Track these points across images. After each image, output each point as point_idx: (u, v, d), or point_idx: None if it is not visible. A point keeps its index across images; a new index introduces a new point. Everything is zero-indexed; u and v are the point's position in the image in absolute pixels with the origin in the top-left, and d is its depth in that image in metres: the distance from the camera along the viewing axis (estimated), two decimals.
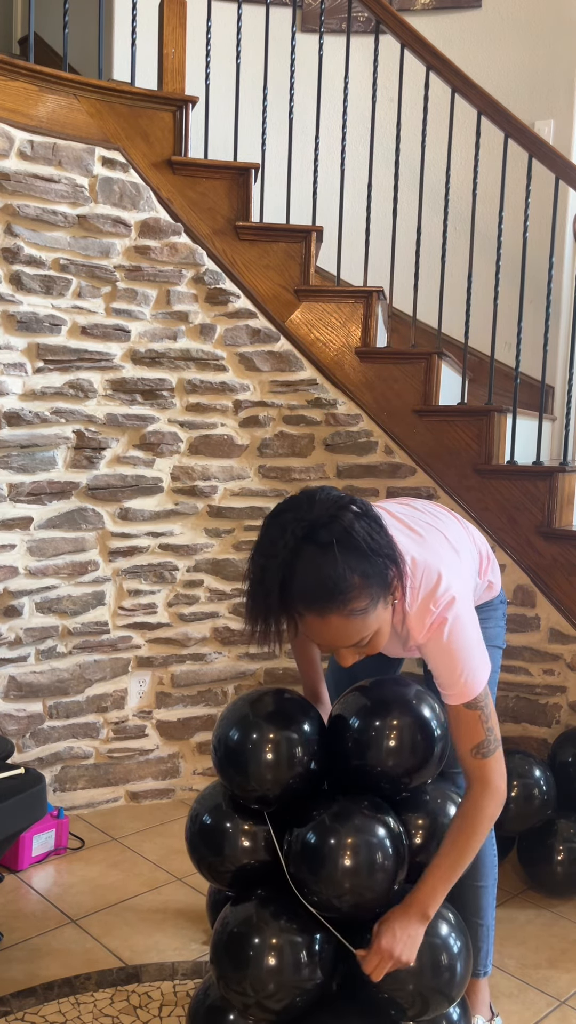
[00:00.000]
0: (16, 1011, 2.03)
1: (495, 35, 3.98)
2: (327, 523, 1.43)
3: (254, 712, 1.73)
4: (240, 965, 1.62)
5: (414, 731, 1.69)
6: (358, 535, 1.43)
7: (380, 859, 1.61)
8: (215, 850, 1.76)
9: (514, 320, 3.21)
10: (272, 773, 1.69)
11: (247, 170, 3.01)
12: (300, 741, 1.70)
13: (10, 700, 2.80)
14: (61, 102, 2.75)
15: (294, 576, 1.42)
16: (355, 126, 3.55)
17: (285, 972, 1.60)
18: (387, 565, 1.46)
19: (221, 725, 1.78)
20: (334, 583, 1.40)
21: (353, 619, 1.43)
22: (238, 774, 1.71)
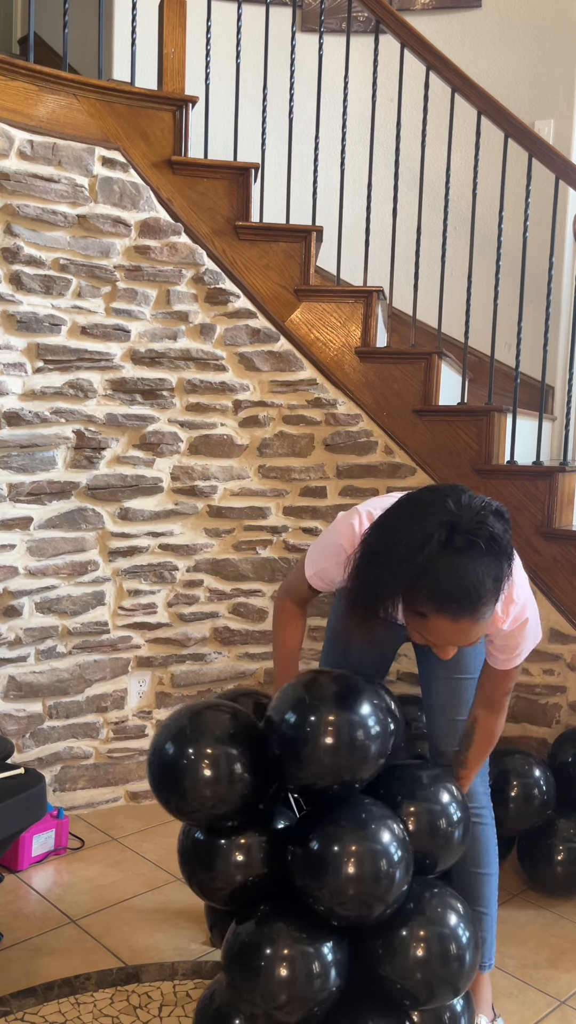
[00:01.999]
0: (16, 1011, 2.03)
1: (495, 35, 3.98)
2: (475, 529, 1.43)
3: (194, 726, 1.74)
4: (251, 976, 1.61)
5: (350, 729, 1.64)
6: (501, 541, 1.45)
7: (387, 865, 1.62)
8: (207, 866, 1.74)
9: (514, 320, 3.21)
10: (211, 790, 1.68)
11: (247, 170, 3.01)
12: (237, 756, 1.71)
13: (10, 700, 2.80)
14: (61, 102, 2.75)
15: (434, 576, 1.42)
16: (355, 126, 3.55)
17: (298, 983, 1.59)
18: (510, 564, 1.48)
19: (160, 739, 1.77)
20: (476, 590, 1.42)
21: (481, 623, 1.46)
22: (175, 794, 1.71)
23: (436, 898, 1.69)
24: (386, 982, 1.65)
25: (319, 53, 3.18)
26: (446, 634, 1.47)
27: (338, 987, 1.63)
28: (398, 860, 1.62)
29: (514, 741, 2.96)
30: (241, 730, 1.76)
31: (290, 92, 3.18)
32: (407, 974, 1.63)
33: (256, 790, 1.73)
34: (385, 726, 1.68)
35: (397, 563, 1.46)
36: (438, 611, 1.44)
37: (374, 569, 1.51)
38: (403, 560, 1.45)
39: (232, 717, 1.77)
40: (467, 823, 1.75)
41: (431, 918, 1.66)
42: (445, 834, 1.72)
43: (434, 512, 1.45)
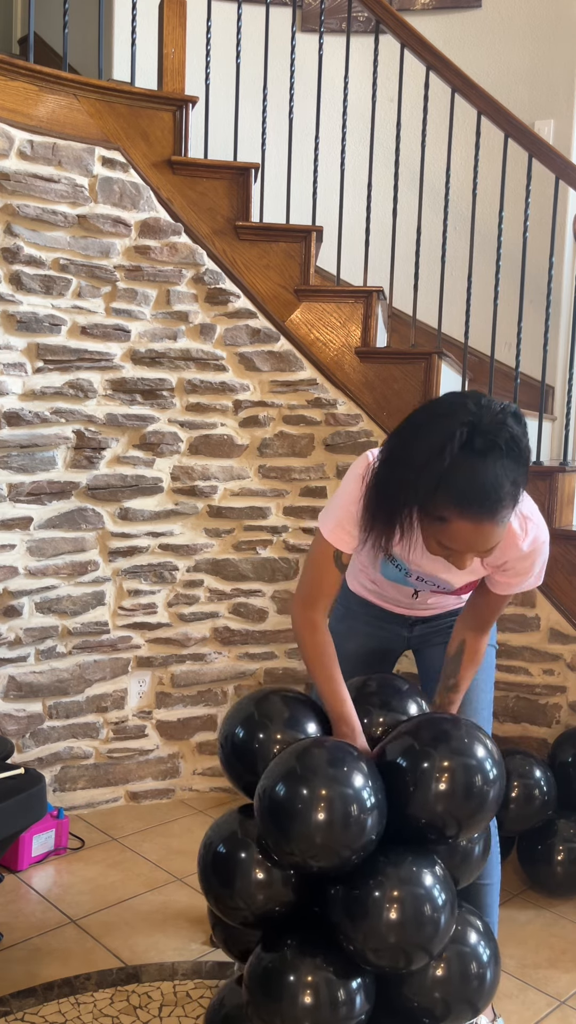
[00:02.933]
0: (16, 1011, 2.03)
1: (495, 35, 3.98)
2: (495, 431, 1.44)
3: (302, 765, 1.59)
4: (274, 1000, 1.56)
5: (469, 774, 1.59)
6: (521, 443, 1.46)
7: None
8: (226, 883, 1.66)
9: (514, 320, 3.21)
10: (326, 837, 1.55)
11: (247, 170, 3.01)
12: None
13: (10, 700, 2.80)
14: (61, 102, 2.75)
15: (455, 479, 1.43)
16: (355, 126, 3.55)
17: (321, 1012, 1.54)
18: (527, 470, 1.50)
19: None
20: (496, 491, 1.43)
21: (500, 526, 1.48)
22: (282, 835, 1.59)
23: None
24: (404, 1000, 1.61)
25: (319, 53, 3.17)
26: (467, 537, 1.47)
27: (367, 1013, 1.59)
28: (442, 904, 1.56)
29: (514, 741, 2.96)
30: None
31: (290, 92, 3.18)
32: (426, 993, 1.60)
33: None
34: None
35: (418, 467, 1.46)
36: (460, 514, 1.45)
37: (395, 473, 1.52)
38: (424, 463, 1.45)
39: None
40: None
41: (452, 937, 1.63)
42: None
43: (454, 415, 1.46)
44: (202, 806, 3.08)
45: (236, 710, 1.77)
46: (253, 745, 1.70)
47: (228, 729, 1.76)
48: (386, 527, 1.57)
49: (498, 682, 2.98)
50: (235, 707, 1.78)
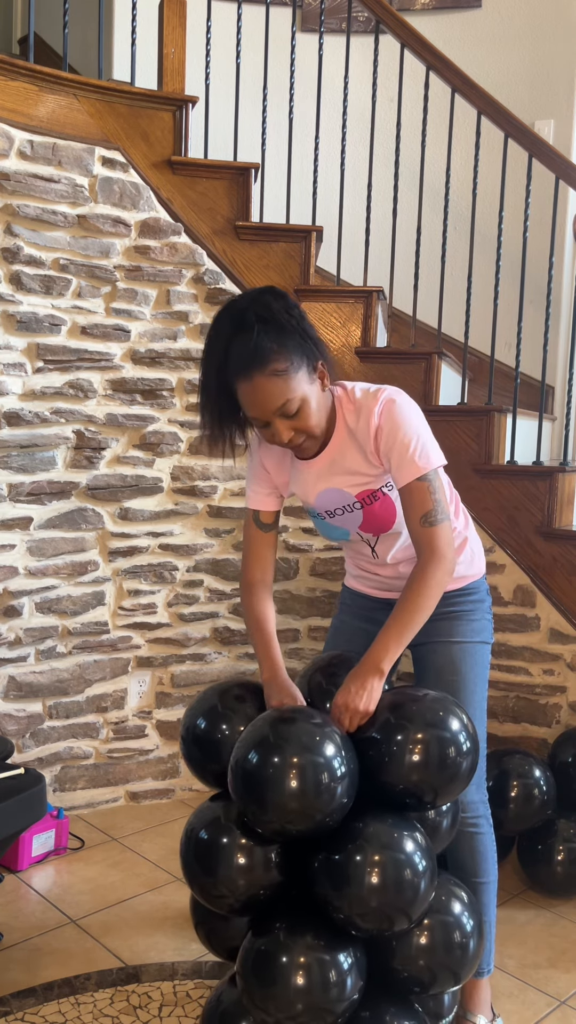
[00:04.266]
0: (16, 1011, 2.03)
1: (495, 35, 3.98)
2: (246, 307, 1.68)
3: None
4: (267, 985, 1.58)
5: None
6: (273, 311, 1.67)
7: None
8: (209, 871, 1.68)
9: (514, 320, 3.21)
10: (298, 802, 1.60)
11: (247, 170, 3.01)
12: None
13: (10, 700, 2.80)
14: (61, 102, 2.75)
15: (227, 358, 1.66)
16: (355, 126, 3.55)
17: (314, 993, 1.56)
18: (304, 340, 1.69)
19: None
20: (259, 351, 1.64)
21: (276, 379, 1.65)
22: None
23: (440, 887, 1.68)
24: (393, 972, 1.64)
25: (319, 53, 3.17)
26: (254, 397, 1.66)
27: (360, 990, 1.61)
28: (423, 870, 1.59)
29: (514, 741, 2.96)
30: None
31: (290, 92, 3.18)
32: (411, 963, 1.63)
33: None
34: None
35: (208, 371, 1.71)
36: (238, 378, 1.66)
37: (202, 391, 1.76)
38: (209, 366, 1.71)
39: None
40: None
41: (434, 907, 1.65)
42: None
43: (222, 311, 1.70)
44: None
45: (198, 702, 1.83)
46: (215, 736, 1.76)
47: (189, 721, 1.81)
48: (214, 430, 1.78)
49: (498, 682, 2.98)
50: (197, 699, 1.85)
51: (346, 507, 1.86)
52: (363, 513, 1.86)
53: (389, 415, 1.75)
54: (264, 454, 1.91)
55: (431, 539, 1.72)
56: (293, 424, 1.71)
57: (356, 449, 1.80)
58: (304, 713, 1.65)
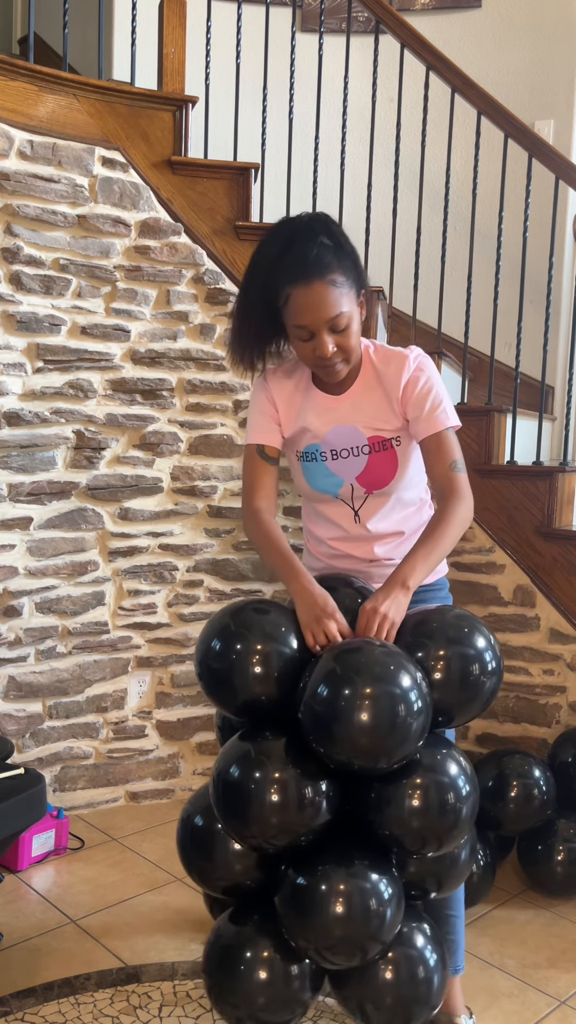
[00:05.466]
0: (16, 1011, 2.03)
1: (495, 35, 3.98)
2: (309, 220, 1.74)
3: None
4: (232, 979, 1.60)
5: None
6: (334, 230, 1.73)
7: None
8: (206, 856, 1.70)
9: (514, 320, 3.20)
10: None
11: (247, 170, 3.01)
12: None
13: (10, 700, 2.80)
14: (61, 102, 2.75)
15: (284, 262, 1.69)
16: (355, 126, 3.55)
17: (276, 987, 1.59)
18: (355, 265, 1.74)
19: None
20: (320, 259, 1.68)
21: (333, 289, 1.69)
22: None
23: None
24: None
25: (319, 53, 3.17)
26: (308, 301, 1.68)
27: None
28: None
29: (514, 741, 2.96)
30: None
31: (290, 92, 3.18)
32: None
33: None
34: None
35: (255, 279, 1.74)
36: (293, 282, 1.69)
37: (245, 300, 1.79)
38: (258, 271, 1.74)
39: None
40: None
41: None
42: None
43: (272, 232, 1.75)
44: None
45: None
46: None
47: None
48: (256, 346, 1.83)
49: None
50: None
51: (354, 449, 1.86)
52: (368, 460, 1.86)
53: (423, 368, 1.83)
54: (275, 387, 1.91)
55: (458, 482, 1.78)
56: (338, 340, 1.74)
57: (381, 394, 1.84)
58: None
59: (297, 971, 1.62)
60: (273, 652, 1.63)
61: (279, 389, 1.91)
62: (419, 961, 1.64)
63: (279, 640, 1.64)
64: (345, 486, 1.89)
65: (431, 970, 1.65)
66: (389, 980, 1.62)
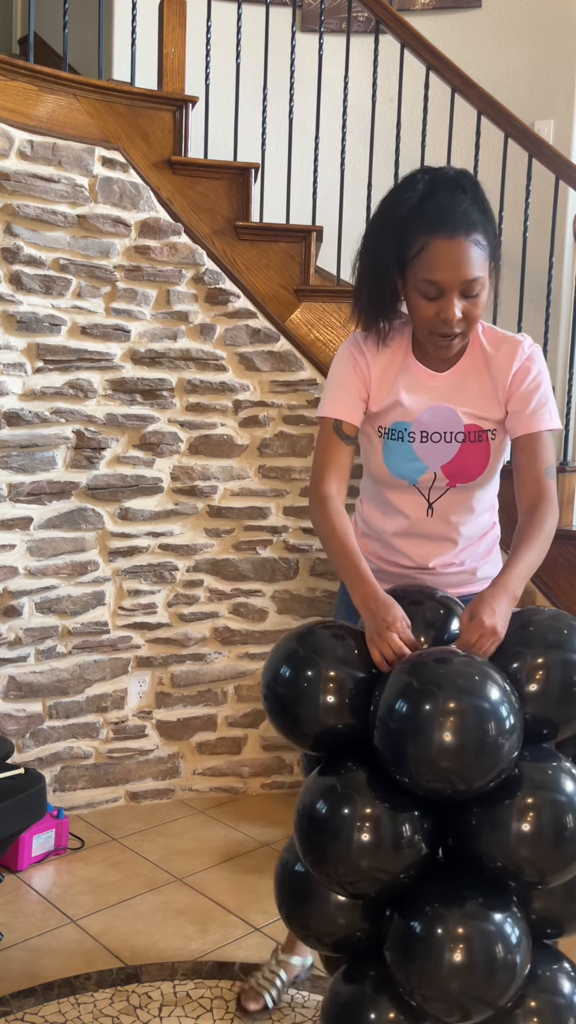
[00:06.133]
0: (16, 1011, 2.03)
1: (495, 35, 3.98)
2: (457, 175, 1.61)
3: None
4: None
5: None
6: (481, 193, 1.61)
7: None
8: (309, 907, 1.53)
9: (514, 320, 3.20)
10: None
11: (247, 170, 3.01)
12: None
13: (10, 700, 2.80)
14: (61, 102, 2.75)
15: (427, 209, 1.56)
16: (355, 126, 3.55)
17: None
18: (496, 235, 1.63)
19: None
20: (466, 215, 1.56)
21: (477, 249, 1.57)
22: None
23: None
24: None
25: (319, 53, 3.17)
26: (447, 256, 1.55)
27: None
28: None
29: None
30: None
31: (290, 92, 3.18)
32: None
33: None
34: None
35: (388, 223, 1.60)
36: (433, 232, 1.55)
37: (373, 243, 1.63)
38: (392, 215, 1.60)
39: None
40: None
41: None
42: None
43: (412, 179, 1.63)
44: (202, 806, 3.08)
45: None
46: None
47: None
48: (376, 302, 1.65)
49: None
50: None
51: (448, 434, 1.72)
52: (459, 449, 1.72)
53: (535, 359, 1.71)
54: (372, 356, 1.73)
55: (551, 490, 1.65)
56: (465, 307, 1.60)
57: (487, 379, 1.72)
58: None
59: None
60: (346, 677, 1.47)
61: (375, 356, 1.73)
62: (569, 1011, 1.42)
63: (351, 663, 1.49)
64: (427, 474, 1.74)
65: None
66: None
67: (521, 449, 1.69)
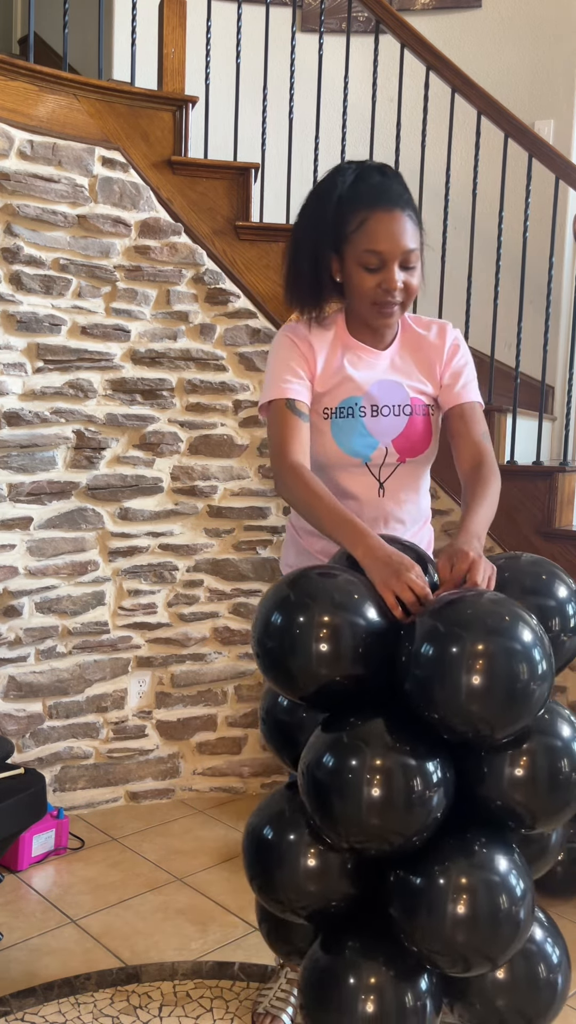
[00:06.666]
0: (16, 1011, 2.03)
1: (495, 35, 3.98)
2: (378, 164, 1.72)
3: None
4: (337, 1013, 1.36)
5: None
6: (403, 180, 1.71)
7: None
8: (281, 875, 1.44)
9: (514, 320, 3.20)
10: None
11: (247, 170, 3.01)
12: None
13: (10, 700, 2.80)
14: (61, 102, 2.75)
15: (361, 188, 1.66)
16: (355, 126, 3.55)
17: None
18: (419, 215, 1.71)
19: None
20: (400, 190, 1.67)
21: (412, 224, 1.66)
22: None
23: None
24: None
25: (319, 53, 3.17)
26: (387, 228, 1.63)
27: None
28: None
29: None
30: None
31: (290, 92, 3.18)
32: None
33: None
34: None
35: (324, 204, 1.68)
36: (373, 207, 1.64)
37: (304, 233, 1.71)
38: (328, 198, 1.67)
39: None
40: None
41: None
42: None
43: (336, 171, 1.71)
44: (202, 806, 3.09)
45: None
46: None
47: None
48: (313, 285, 1.72)
49: None
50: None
51: (396, 407, 1.78)
52: (408, 422, 1.78)
53: (462, 341, 1.85)
54: (311, 338, 1.76)
55: (492, 453, 1.76)
56: (405, 279, 1.68)
57: (421, 355, 1.81)
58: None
59: (411, 998, 1.36)
60: (345, 624, 1.35)
61: (318, 336, 1.76)
62: (539, 958, 1.40)
63: (352, 609, 1.37)
64: (379, 449, 1.77)
65: (554, 969, 1.41)
66: (503, 981, 1.38)
67: (458, 416, 1.80)
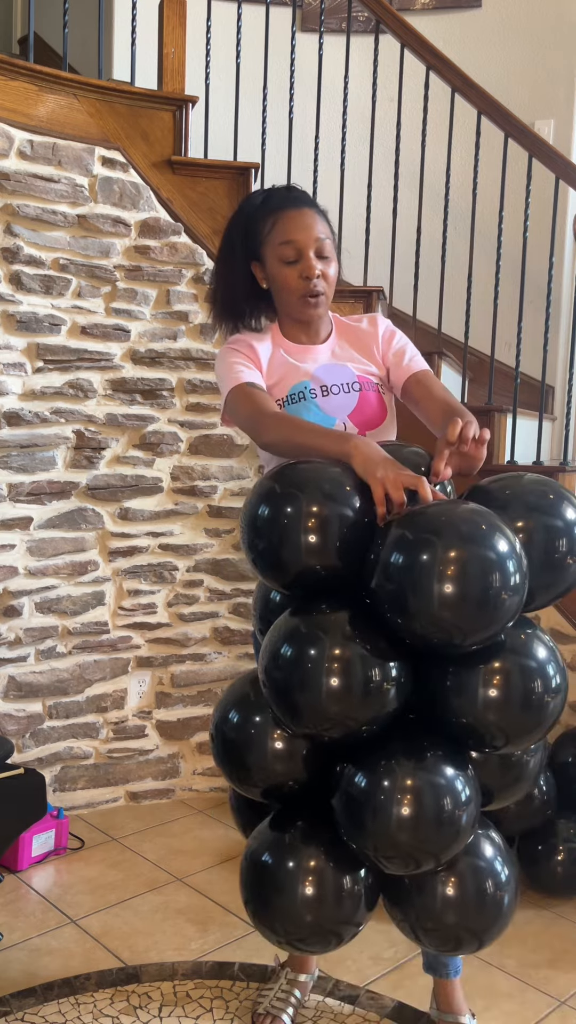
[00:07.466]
0: (16, 1011, 2.03)
1: (495, 35, 3.98)
2: (287, 187, 1.88)
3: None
4: (274, 893, 1.40)
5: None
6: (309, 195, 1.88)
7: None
8: (243, 753, 1.49)
9: (514, 320, 3.20)
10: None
11: (247, 170, 3.01)
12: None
13: (10, 700, 2.80)
14: (61, 102, 2.75)
15: (270, 199, 1.82)
16: (355, 126, 3.55)
17: (326, 904, 1.39)
18: (331, 223, 1.86)
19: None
20: (303, 194, 1.85)
21: (319, 218, 1.81)
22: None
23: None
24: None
25: (319, 53, 3.17)
26: (297, 222, 1.77)
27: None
28: None
29: None
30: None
31: (290, 92, 3.18)
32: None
33: None
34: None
35: (237, 224, 1.85)
36: (282, 208, 1.79)
37: (224, 259, 1.87)
38: (240, 218, 1.85)
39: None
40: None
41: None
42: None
43: (247, 199, 1.88)
44: (202, 806, 3.09)
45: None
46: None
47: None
48: (238, 296, 1.86)
49: None
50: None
51: (345, 384, 1.85)
52: (359, 397, 1.84)
53: (394, 327, 1.96)
54: (254, 340, 1.84)
55: (459, 403, 1.80)
56: (323, 268, 1.80)
57: (359, 343, 1.91)
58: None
59: (350, 885, 1.39)
60: (331, 514, 1.37)
61: (258, 341, 1.85)
62: (488, 874, 1.41)
63: (337, 499, 1.38)
64: (337, 426, 1.81)
65: (502, 886, 1.42)
66: (452, 895, 1.39)
67: (415, 383, 1.86)
